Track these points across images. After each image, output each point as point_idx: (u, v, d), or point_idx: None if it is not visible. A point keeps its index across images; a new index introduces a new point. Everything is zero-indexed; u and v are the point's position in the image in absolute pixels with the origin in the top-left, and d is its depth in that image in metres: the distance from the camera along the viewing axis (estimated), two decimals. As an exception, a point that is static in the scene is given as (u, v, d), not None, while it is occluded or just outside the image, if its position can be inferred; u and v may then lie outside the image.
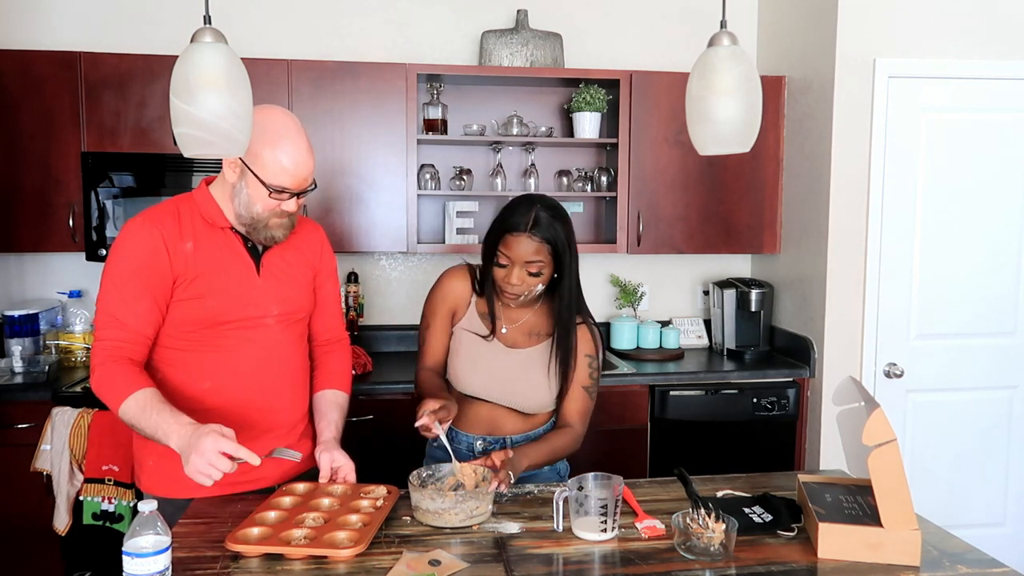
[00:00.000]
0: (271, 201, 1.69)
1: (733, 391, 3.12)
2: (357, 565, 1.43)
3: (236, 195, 1.72)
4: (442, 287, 1.98)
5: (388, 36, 3.40)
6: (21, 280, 3.27)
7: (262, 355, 1.80)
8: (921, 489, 2.99)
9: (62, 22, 3.20)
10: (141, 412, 1.59)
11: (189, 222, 1.74)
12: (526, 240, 1.79)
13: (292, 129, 1.69)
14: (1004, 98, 3.06)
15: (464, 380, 1.95)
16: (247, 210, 1.71)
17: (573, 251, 1.86)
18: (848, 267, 3.05)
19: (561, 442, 1.91)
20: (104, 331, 1.67)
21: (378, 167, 3.13)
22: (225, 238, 1.77)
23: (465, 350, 1.95)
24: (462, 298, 1.96)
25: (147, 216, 1.73)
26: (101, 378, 1.65)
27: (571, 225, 1.87)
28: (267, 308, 1.79)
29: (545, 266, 1.83)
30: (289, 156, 1.67)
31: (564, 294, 1.88)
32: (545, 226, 1.80)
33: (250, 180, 1.68)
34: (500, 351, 1.94)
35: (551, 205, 1.84)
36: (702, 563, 1.46)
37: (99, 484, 2.60)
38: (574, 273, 1.88)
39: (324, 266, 1.95)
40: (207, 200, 1.77)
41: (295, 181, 1.69)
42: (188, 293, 1.71)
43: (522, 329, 1.95)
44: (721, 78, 1.52)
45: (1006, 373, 3.17)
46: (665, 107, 3.25)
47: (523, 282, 1.83)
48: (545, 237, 1.80)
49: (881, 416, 1.47)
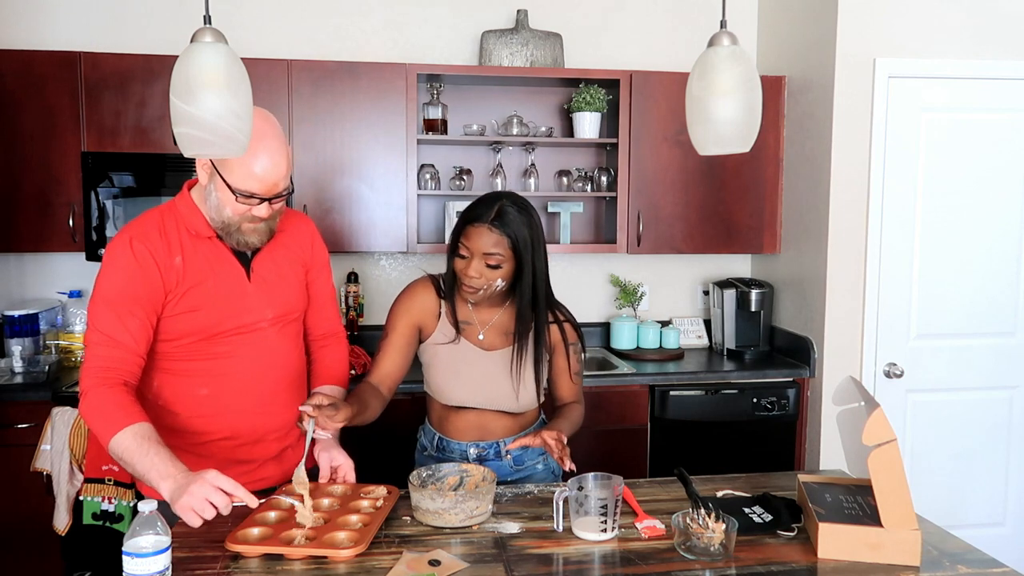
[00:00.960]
0: (239, 206, 1.64)
1: (733, 391, 3.12)
2: (357, 565, 1.43)
3: (207, 197, 1.68)
4: (405, 300, 1.95)
5: (388, 36, 3.40)
6: (21, 280, 3.27)
7: (258, 359, 1.77)
8: (921, 489, 2.99)
9: (62, 22, 3.20)
10: (137, 448, 1.52)
11: (175, 235, 1.70)
12: (486, 232, 1.79)
13: (266, 133, 1.62)
14: (1003, 98, 3.06)
15: (447, 392, 1.94)
16: (218, 214, 1.67)
17: (537, 249, 1.84)
18: (848, 267, 3.05)
19: (575, 415, 1.98)
20: (96, 349, 1.62)
21: (378, 167, 3.13)
22: (213, 247, 1.73)
23: (442, 362, 1.94)
24: (428, 311, 1.94)
25: (133, 233, 1.68)
26: (92, 404, 1.58)
27: (537, 223, 1.85)
28: (261, 313, 1.77)
29: (504, 260, 1.81)
30: (258, 161, 1.60)
31: (524, 291, 1.86)
32: (508, 220, 1.79)
33: (218, 183, 1.63)
34: (479, 356, 1.93)
35: (519, 202, 1.84)
36: (702, 563, 1.46)
37: (99, 484, 2.59)
38: (539, 271, 1.86)
39: (316, 260, 1.90)
40: (190, 209, 1.72)
41: (263, 187, 1.63)
42: (180, 307, 1.68)
43: (497, 330, 1.94)
44: (721, 78, 1.52)
45: (1006, 373, 3.17)
46: (665, 107, 3.25)
47: (481, 275, 1.81)
48: (505, 231, 1.79)
49: (881, 416, 1.47)
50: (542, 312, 1.90)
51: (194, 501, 1.44)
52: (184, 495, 1.44)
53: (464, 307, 1.93)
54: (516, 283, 1.86)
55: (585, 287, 3.61)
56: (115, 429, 1.54)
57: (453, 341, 1.92)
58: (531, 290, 1.86)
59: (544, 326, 1.92)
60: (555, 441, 1.74)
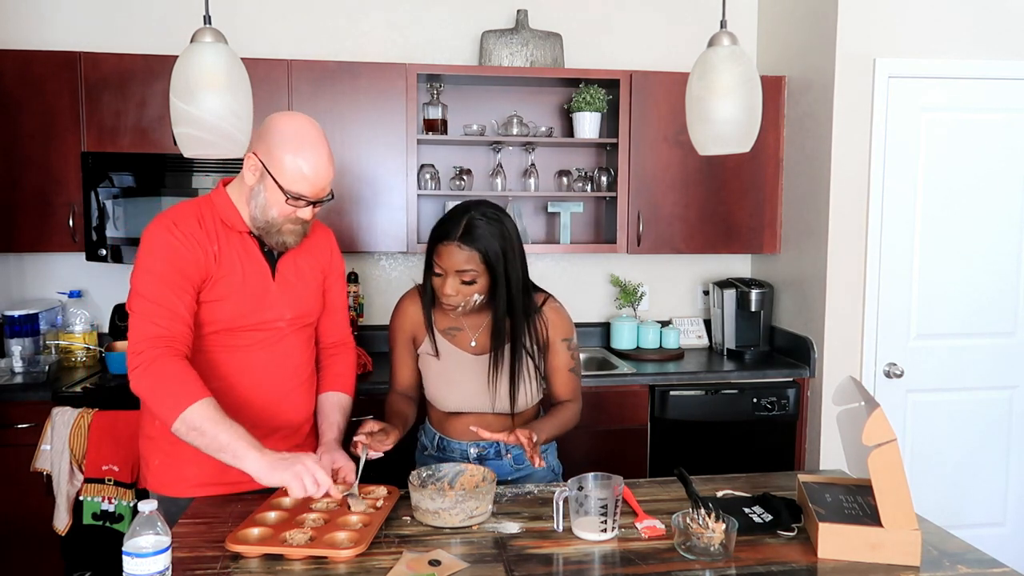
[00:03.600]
0: (287, 207, 1.70)
1: (733, 391, 3.12)
2: (357, 565, 1.43)
3: (253, 198, 1.72)
4: (396, 319, 1.99)
5: (388, 36, 3.40)
6: (21, 280, 3.27)
7: (272, 357, 1.81)
8: (921, 489, 3.00)
9: (62, 22, 3.20)
10: (221, 419, 1.57)
11: (211, 225, 1.75)
12: (456, 249, 1.78)
13: (316, 138, 1.70)
14: (1003, 98, 3.06)
15: (445, 399, 1.96)
16: (263, 213, 1.72)
17: (511, 259, 1.82)
18: (848, 267, 3.05)
19: (566, 415, 1.95)
20: (150, 317, 1.62)
21: (378, 167, 3.13)
22: (243, 242, 1.78)
23: (434, 372, 1.96)
24: (418, 323, 1.97)
25: (174, 218, 1.72)
26: (156, 376, 1.59)
27: (509, 232, 1.82)
28: (280, 313, 1.81)
29: (479, 275, 1.80)
30: (310, 164, 1.67)
31: (499, 303, 1.84)
32: (477, 235, 1.77)
33: (268, 184, 1.69)
34: (471, 361, 1.94)
35: (488, 213, 1.81)
36: (702, 563, 1.46)
37: (99, 484, 2.60)
38: (514, 280, 1.84)
39: (333, 269, 1.96)
40: (225, 203, 1.77)
41: (313, 189, 1.70)
42: (211, 295, 1.72)
43: (488, 333, 1.93)
44: (721, 78, 1.53)
45: (1006, 373, 3.17)
46: (665, 107, 3.25)
47: (458, 292, 1.81)
48: (475, 247, 1.77)
49: (881, 416, 1.47)
50: (518, 318, 1.87)
51: (307, 473, 1.54)
52: (297, 465, 1.54)
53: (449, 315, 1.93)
54: (493, 293, 1.86)
55: (585, 287, 3.61)
56: (191, 399, 1.56)
57: (436, 355, 1.94)
58: (506, 301, 1.84)
59: (523, 331, 1.89)
60: (526, 439, 1.73)
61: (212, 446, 1.56)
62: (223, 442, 1.55)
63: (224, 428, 1.56)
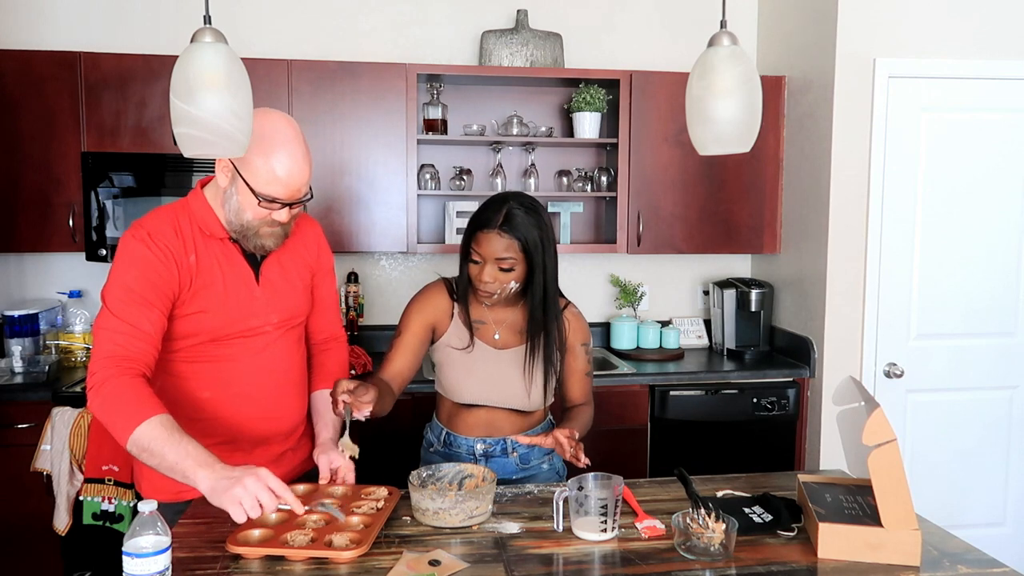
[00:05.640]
0: (261, 210, 1.64)
1: (733, 391, 3.12)
2: (357, 565, 1.43)
3: (227, 200, 1.67)
4: (419, 300, 1.98)
5: (388, 36, 3.40)
6: (21, 280, 3.27)
7: (261, 363, 1.77)
8: (921, 489, 2.99)
9: (62, 22, 3.20)
10: (168, 437, 1.47)
11: (189, 234, 1.69)
12: (496, 237, 1.80)
13: (289, 137, 1.62)
14: (1004, 98, 3.06)
15: (460, 390, 1.96)
16: (237, 217, 1.66)
17: (548, 249, 1.86)
18: (848, 267, 3.05)
19: (585, 418, 1.99)
20: (113, 336, 1.56)
21: (378, 167, 3.13)
22: (223, 249, 1.72)
23: (455, 362, 1.95)
24: (443, 311, 1.96)
25: (149, 228, 1.65)
26: (109, 394, 1.52)
27: (546, 223, 1.86)
28: (267, 318, 1.76)
29: (517, 263, 1.83)
30: (282, 165, 1.60)
31: (536, 291, 1.88)
32: (516, 224, 1.80)
33: (240, 187, 1.63)
34: (493, 355, 1.94)
35: (525, 203, 1.84)
36: (702, 563, 1.46)
37: (99, 484, 2.60)
38: (550, 270, 1.88)
39: (321, 265, 1.91)
40: (203, 208, 1.71)
41: (287, 191, 1.63)
42: (190, 308, 1.67)
43: (512, 328, 1.96)
44: (721, 78, 1.52)
45: (1006, 373, 3.17)
46: (665, 107, 3.25)
47: (495, 279, 1.83)
48: (515, 235, 1.80)
49: (881, 416, 1.47)
50: (551, 309, 1.91)
51: (246, 496, 1.41)
52: (237, 487, 1.41)
53: (479, 307, 1.95)
54: (529, 283, 1.88)
55: (585, 287, 3.61)
56: (140, 419, 1.48)
57: (467, 348, 1.93)
58: (542, 289, 1.88)
59: (555, 323, 1.92)
60: (567, 439, 1.75)
61: (163, 466, 1.48)
62: (171, 462, 1.47)
63: (172, 446, 1.47)
